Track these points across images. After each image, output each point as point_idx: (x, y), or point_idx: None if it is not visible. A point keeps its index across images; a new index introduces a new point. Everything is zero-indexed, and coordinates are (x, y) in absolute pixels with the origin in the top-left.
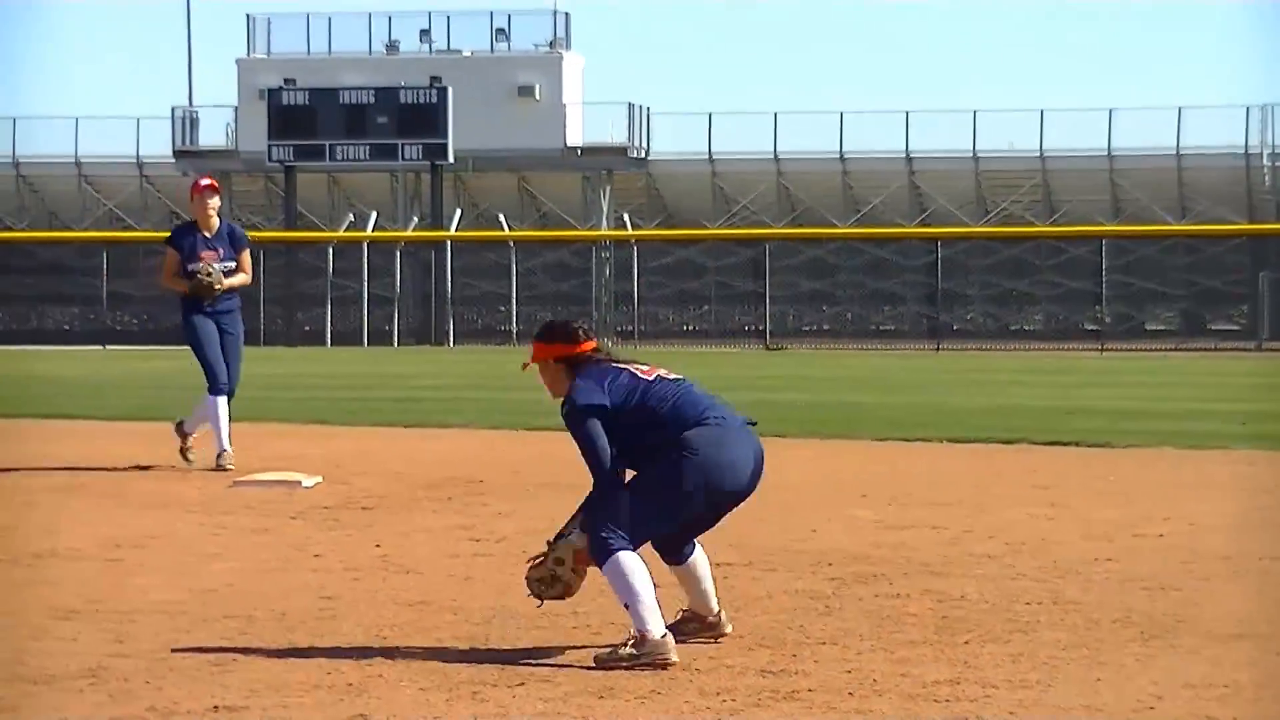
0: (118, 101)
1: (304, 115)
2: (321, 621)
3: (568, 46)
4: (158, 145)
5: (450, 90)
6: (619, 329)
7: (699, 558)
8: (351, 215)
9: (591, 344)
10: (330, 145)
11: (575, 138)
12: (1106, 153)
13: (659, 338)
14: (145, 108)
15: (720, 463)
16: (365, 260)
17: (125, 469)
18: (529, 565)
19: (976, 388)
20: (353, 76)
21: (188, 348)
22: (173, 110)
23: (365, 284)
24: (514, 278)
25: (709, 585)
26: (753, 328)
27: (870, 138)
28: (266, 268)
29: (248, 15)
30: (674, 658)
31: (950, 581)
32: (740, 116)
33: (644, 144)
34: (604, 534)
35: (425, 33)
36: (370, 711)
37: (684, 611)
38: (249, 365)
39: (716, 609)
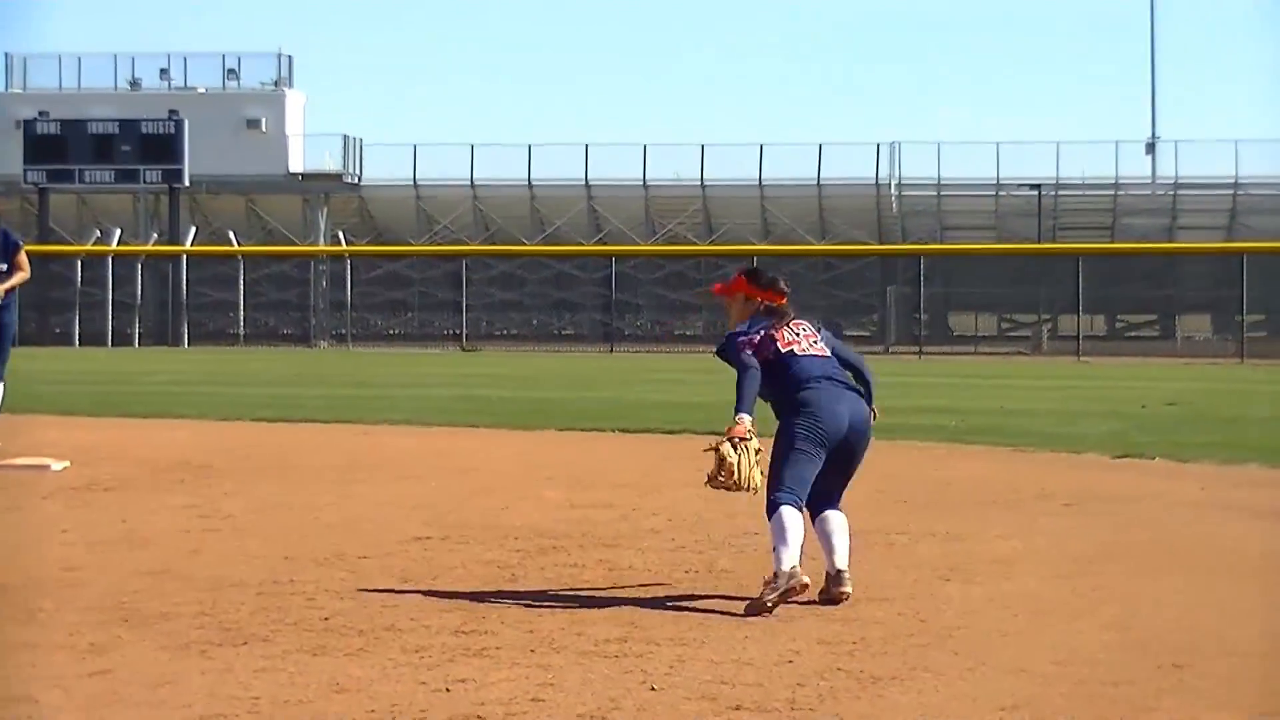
0: None
1: (56, 143)
2: (68, 589)
3: (290, 85)
4: None
5: (186, 122)
6: (334, 333)
7: (833, 516)
8: (98, 231)
9: (785, 299)
10: (79, 170)
11: (297, 165)
12: (758, 182)
13: (370, 340)
14: None
15: (822, 410)
16: (110, 271)
17: None
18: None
19: (646, 385)
20: (100, 109)
21: None
22: None
23: (110, 292)
24: (242, 287)
25: (839, 543)
26: (451, 332)
27: (553, 166)
28: None
29: (5, 54)
30: (804, 580)
31: (621, 553)
32: (441, 148)
33: (357, 171)
34: (772, 495)
35: (164, 71)
36: (111, 668)
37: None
38: (12, 362)
39: (839, 566)
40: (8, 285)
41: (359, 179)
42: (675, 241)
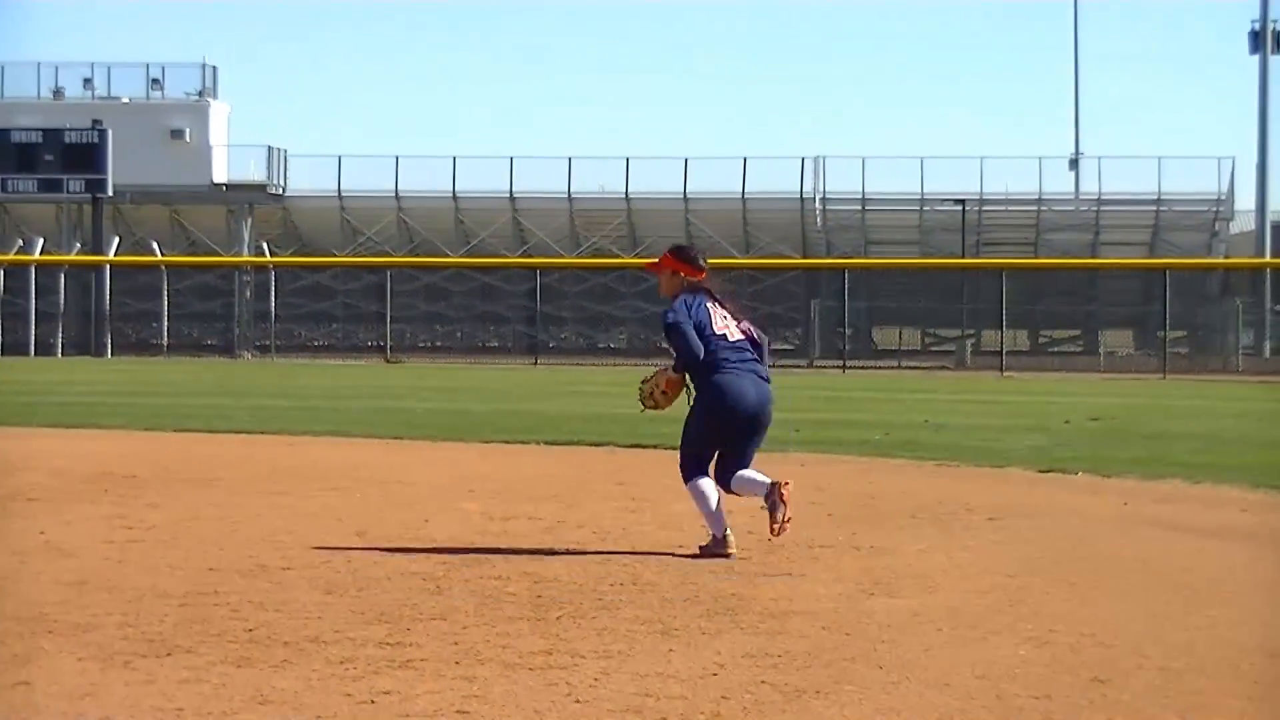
0: None
1: None
2: None
3: (215, 95)
4: None
5: (110, 132)
6: (258, 344)
7: (742, 474)
8: (21, 240)
9: (704, 274)
10: (2, 179)
11: (221, 175)
12: (683, 195)
13: (293, 351)
14: None
15: (729, 397)
16: (33, 281)
17: None
18: (641, 385)
19: (569, 398)
20: (23, 118)
21: None
22: None
23: (33, 302)
24: (165, 298)
25: (756, 476)
26: (375, 344)
27: (478, 179)
28: None
29: None
30: (731, 551)
31: (545, 565)
32: (366, 159)
33: (281, 181)
34: (684, 473)
35: (88, 81)
36: (33, 679)
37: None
38: None
39: (767, 483)
40: None
41: (283, 190)
42: (600, 254)
